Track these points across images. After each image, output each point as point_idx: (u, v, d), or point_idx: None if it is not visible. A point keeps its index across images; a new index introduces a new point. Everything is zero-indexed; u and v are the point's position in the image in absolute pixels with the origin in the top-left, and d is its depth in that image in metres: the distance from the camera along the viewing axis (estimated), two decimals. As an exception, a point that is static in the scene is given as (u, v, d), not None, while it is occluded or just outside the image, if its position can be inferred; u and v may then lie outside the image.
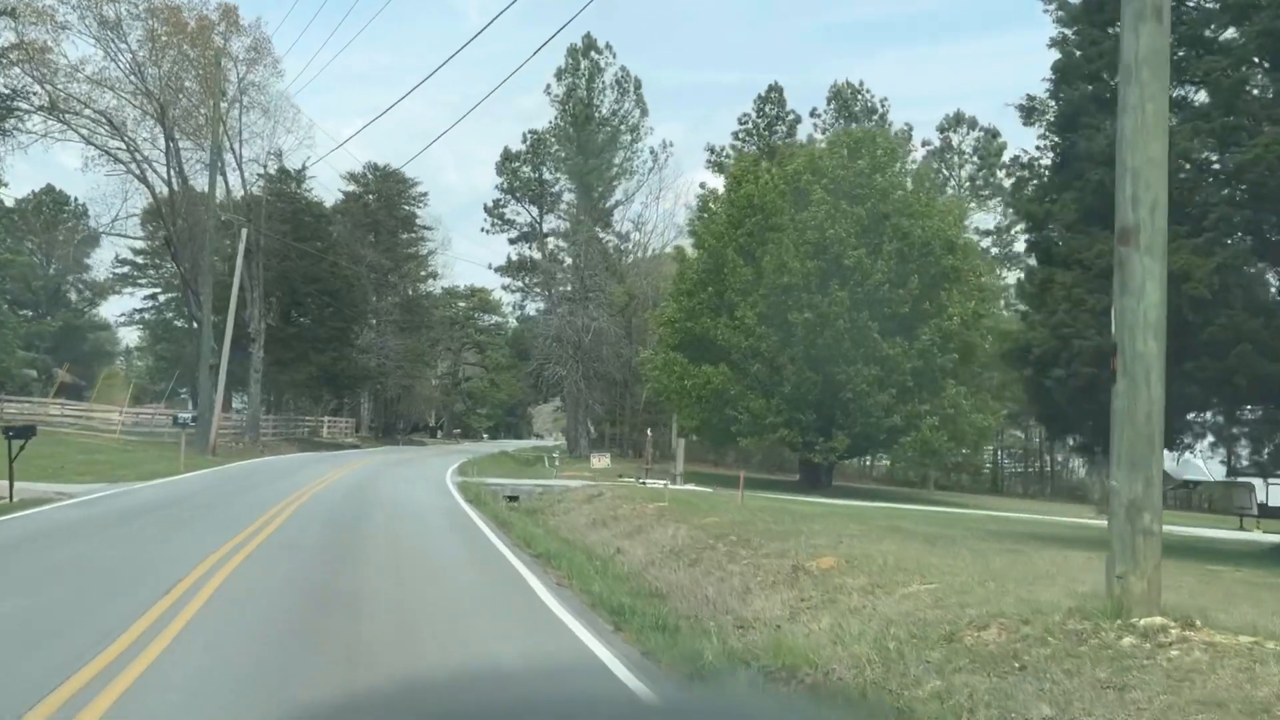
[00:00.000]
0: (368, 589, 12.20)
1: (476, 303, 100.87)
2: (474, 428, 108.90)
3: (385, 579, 13.13)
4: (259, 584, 11.83)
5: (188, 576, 11.76)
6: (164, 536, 15.98)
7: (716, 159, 62.35)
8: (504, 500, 31.55)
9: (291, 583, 12.13)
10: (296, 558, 14.37)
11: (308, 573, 13.08)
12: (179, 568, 12.38)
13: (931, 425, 37.07)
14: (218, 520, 19.07)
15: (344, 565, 14.14)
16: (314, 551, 15.36)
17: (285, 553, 14.66)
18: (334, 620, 10.13)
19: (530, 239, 68.60)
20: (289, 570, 13.09)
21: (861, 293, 37.46)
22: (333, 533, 18.21)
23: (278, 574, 12.68)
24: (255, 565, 13.20)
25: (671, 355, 40.60)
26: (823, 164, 39.73)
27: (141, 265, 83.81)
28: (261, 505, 22.02)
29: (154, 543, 15.19)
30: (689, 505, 23.98)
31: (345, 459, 47.99)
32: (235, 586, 11.57)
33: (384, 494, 27.22)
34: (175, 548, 14.67)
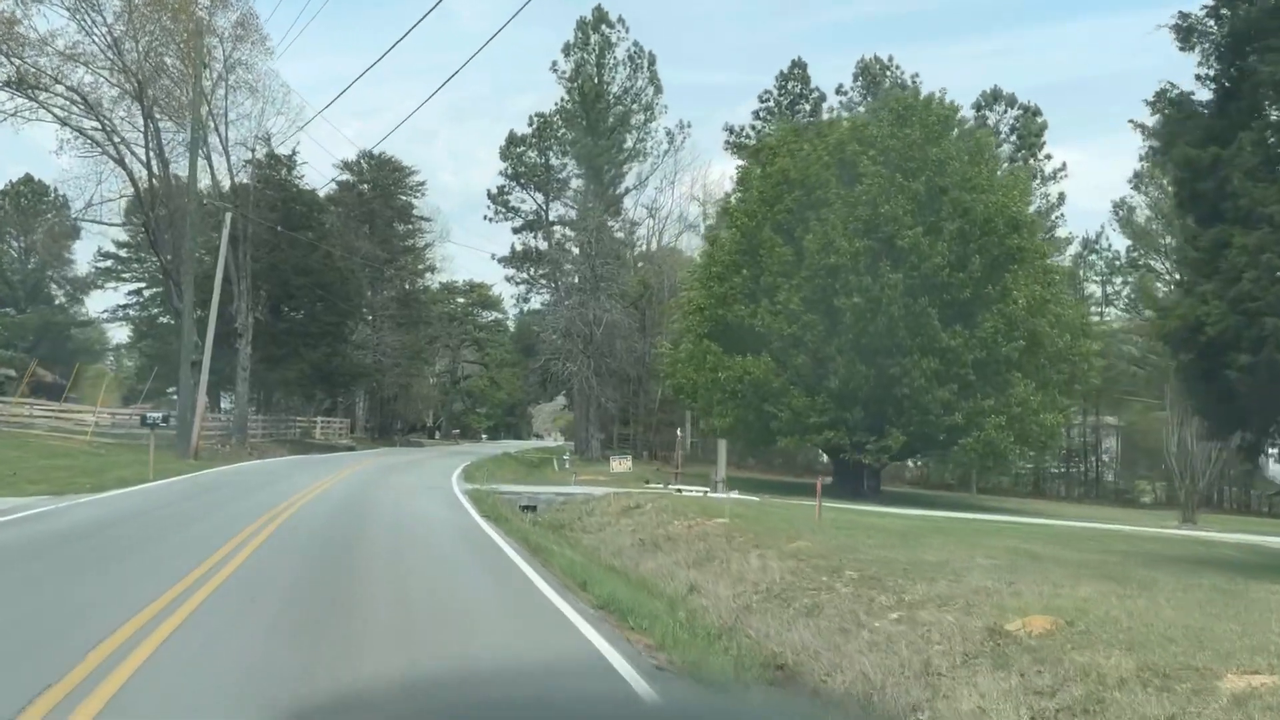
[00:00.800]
0: (364, 678, 7.56)
1: (476, 298, 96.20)
2: (472, 428, 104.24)
3: (392, 654, 8.53)
4: (188, 681, 7.22)
5: (62, 681, 7.10)
6: (73, 581, 11.32)
7: (736, 139, 57.81)
8: (520, 511, 27.13)
9: (242, 675, 7.52)
10: (260, 616, 9.78)
11: (272, 649, 8.47)
12: (65, 652, 7.74)
13: (997, 424, 32.56)
14: (166, 551, 14.48)
15: (329, 629, 9.52)
16: (287, 604, 10.75)
17: (244, 610, 10.05)
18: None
19: (535, 228, 64.03)
20: (244, 645, 8.49)
21: (918, 276, 32.96)
22: (316, 569, 13.63)
23: (225, 656, 8.07)
24: (193, 638, 8.59)
25: (704, 344, 35.92)
26: (869, 133, 35.20)
27: (125, 259, 79.12)
28: (231, 525, 17.43)
29: (51, 596, 10.52)
30: (756, 521, 19.44)
31: (339, 462, 43.40)
32: (148, 687, 6.97)
33: (383, 508, 22.61)
34: (81, 601, 10.06)
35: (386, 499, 24.70)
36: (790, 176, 35.39)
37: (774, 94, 57.59)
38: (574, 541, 20.30)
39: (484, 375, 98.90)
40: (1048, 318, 34.14)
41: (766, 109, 57.81)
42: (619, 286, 52.15)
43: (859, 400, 33.88)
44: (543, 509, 28.10)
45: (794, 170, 35.31)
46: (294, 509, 20.98)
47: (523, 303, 64.56)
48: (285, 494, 24.19)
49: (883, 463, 36.25)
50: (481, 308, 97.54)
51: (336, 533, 17.46)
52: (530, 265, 63.82)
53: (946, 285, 33.10)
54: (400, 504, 23.64)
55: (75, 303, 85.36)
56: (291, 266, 60.19)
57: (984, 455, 33.45)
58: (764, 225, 35.57)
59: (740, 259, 36.30)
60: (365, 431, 78.37)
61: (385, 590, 12.06)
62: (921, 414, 33.15)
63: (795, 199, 35.25)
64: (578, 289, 51.77)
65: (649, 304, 53.81)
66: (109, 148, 50.92)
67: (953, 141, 34.87)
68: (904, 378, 32.79)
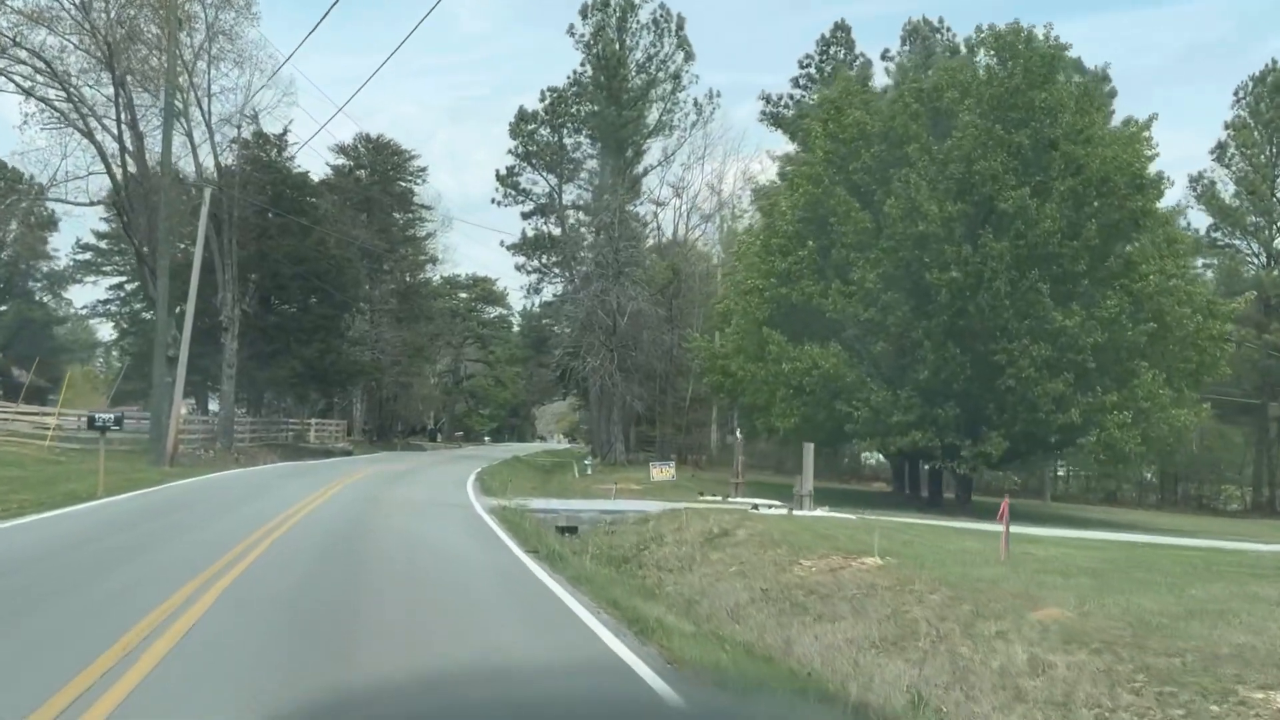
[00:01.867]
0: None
1: (479, 293, 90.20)
2: (475, 430, 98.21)
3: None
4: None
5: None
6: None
7: (773, 109, 51.88)
8: (559, 534, 21.32)
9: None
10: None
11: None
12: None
13: (1120, 422, 26.72)
14: (55, 624, 8.57)
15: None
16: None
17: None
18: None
19: (548, 212, 58.03)
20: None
21: (1024, 245, 27.16)
22: (289, 670, 7.68)
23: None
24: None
25: (764, 332, 29.87)
26: (962, 77, 29.39)
27: (105, 250, 73.08)
28: (173, 572, 11.55)
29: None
30: (920, 561, 13.61)
31: (335, 470, 37.48)
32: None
33: (391, 539, 16.65)
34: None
35: (394, 523, 18.75)
36: (867, 130, 29.50)
37: (815, 59, 51.76)
38: (656, 588, 14.44)
39: (488, 374, 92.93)
40: (1175, 295, 28.29)
41: (807, 75, 51.92)
42: (644, 272, 46.26)
43: (952, 394, 28.06)
44: (586, 531, 22.26)
45: (872, 123, 29.43)
46: (269, 541, 15.12)
47: (533, 293, 58.75)
48: (262, 517, 18.30)
49: (978, 470, 30.34)
50: (485, 303, 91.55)
51: (325, 589, 11.54)
52: (542, 252, 57.88)
53: (1057, 256, 27.29)
54: (413, 531, 17.67)
55: (54, 297, 79.33)
56: (282, 255, 54.32)
57: (1106, 459, 27.59)
58: (834, 190, 29.68)
59: (805, 229, 30.40)
60: (363, 434, 72.41)
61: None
62: (1029, 411, 27.31)
63: (873, 156, 29.38)
64: (599, 275, 45.86)
65: (677, 292, 47.96)
66: (75, 119, 44.96)
67: (1061, 87, 28.95)
68: (1009, 366, 26.97)
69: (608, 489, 35.97)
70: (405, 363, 69.51)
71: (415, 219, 73.04)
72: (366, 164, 70.36)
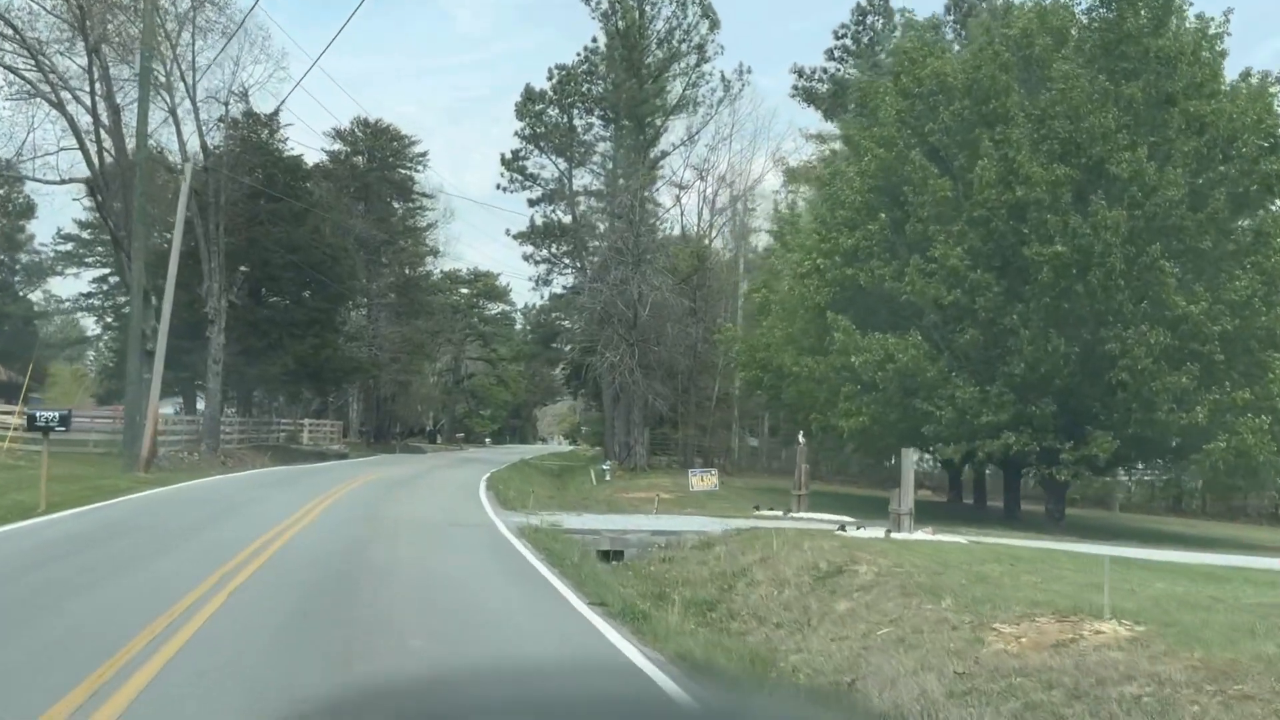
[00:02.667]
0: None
1: (481, 288, 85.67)
2: (476, 431, 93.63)
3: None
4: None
5: None
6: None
7: (806, 83, 47.43)
8: (598, 557, 17.05)
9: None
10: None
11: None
12: None
13: (1256, 425, 22.32)
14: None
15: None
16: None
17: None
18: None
19: (557, 198, 53.62)
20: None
21: (1141, 215, 22.78)
22: None
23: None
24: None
25: (829, 318, 25.25)
26: (1057, 21, 24.98)
27: (88, 241, 68.52)
28: (63, 663, 7.14)
29: None
30: (1173, 625, 9.19)
31: (329, 476, 33.02)
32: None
33: (400, 579, 12.14)
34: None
35: (401, 555, 14.23)
36: (948, 84, 25.04)
37: (851, 29, 47.37)
38: (769, 656, 10.04)
39: (489, 373, 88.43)
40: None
41: (842, 47, 47.51)
42: (667, 259, 41.84)
43: (1051, 390, 23.66)
44: (634, 556, 17.88)
45: (955, 74, 24.98)
46: (239, 581, 10.75)
47: (542, 285, 54.20)
48: (228, 546, 13.87)
49: (1077, 478, 25.92)
50: (487, 298, 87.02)
51: (310, 672, 7.10)
52: (552, 241, 53.41)
53: (1180, 229, 22.92)
54: (429, 571, 13.12)
55: (36, 291, 74.82)
56: (273, 243, 49.88)
57: (1235, 467, 23.18)
58: (908, 155, 25.21)
59: (875, 201, 25.94)
60: (359, 435, 67.99)
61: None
62: (1145, 409, 22.90)
63: (954, 115, 24.94)
64: (617, 262, 41.41)
65: (702, 282, 43.53)
66: (46, 90, 40.47)
67: (1179, 33, 24.52)
68: (1123, 357, 22.58)
69: (639, 499, 31.66)
70: (404, 360, 65.10)
71: (416, 208, 68.66)
72: (364, 150, 65.96)
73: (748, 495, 30.04)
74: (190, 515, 18.66)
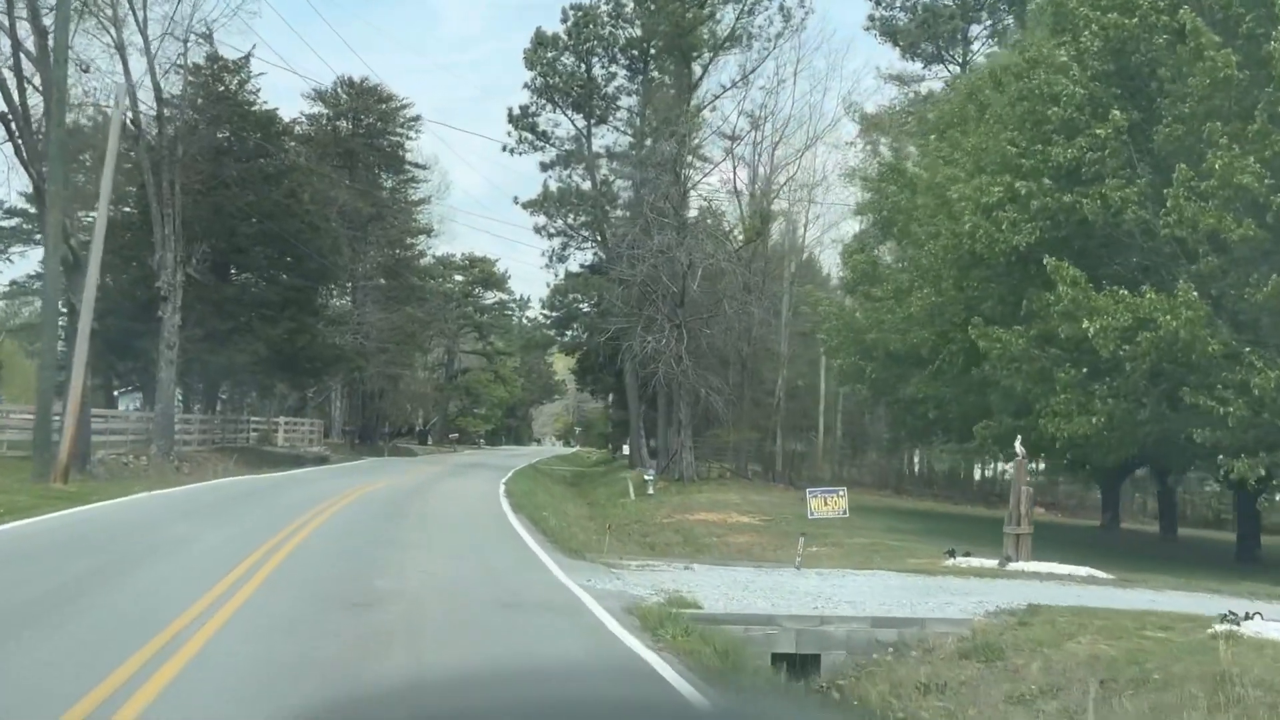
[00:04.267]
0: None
1: (477, 276, 76.90)
2: (470, 431, 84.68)
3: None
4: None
5: None
6: None
7: (885, 12, 38.82)
8: (774, 670, 8.42)
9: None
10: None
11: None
12: None
13: None
14: None
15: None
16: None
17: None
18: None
19: (573, 160, 45.13)
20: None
21: None
22: None
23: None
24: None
25: (1055, 266, 16.41)
26: None
27: (34, 216, 59.35)
28: None
29: None
30: None
31: (301, 493, 24.36)
32: None
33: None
34: None
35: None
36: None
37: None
38: None
39: (486, 368, 79.63)
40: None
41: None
42: (720, 221, 33.33)
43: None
44: (841, 665, 9.48)
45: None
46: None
47: (556, 262, 45.68)
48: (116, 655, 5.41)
49: None
50: (484, 286, 78.22)
51: None
52: (568, 210, 44.88)
53: None
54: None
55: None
56: (242, 209, 41.16)
57: None
58: (1159, 21, 16.67)
59: (1103, 93, 17.38)
60: (343, 436, 59.20)
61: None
62: None
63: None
64: (660, 225, 32.90)
65: (757, 252, 35.01)
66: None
67: None
68: None
69: (711, 523, 23.33)
70: (393, 351, 56.35)
71: (407, 180, 59.90)
72: (348, 113, 57.20)
73: (866, 520, 21.54)
74: (26, 588, 9.97)
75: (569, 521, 21.02)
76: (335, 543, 14.50)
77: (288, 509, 18.82)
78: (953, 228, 18.73)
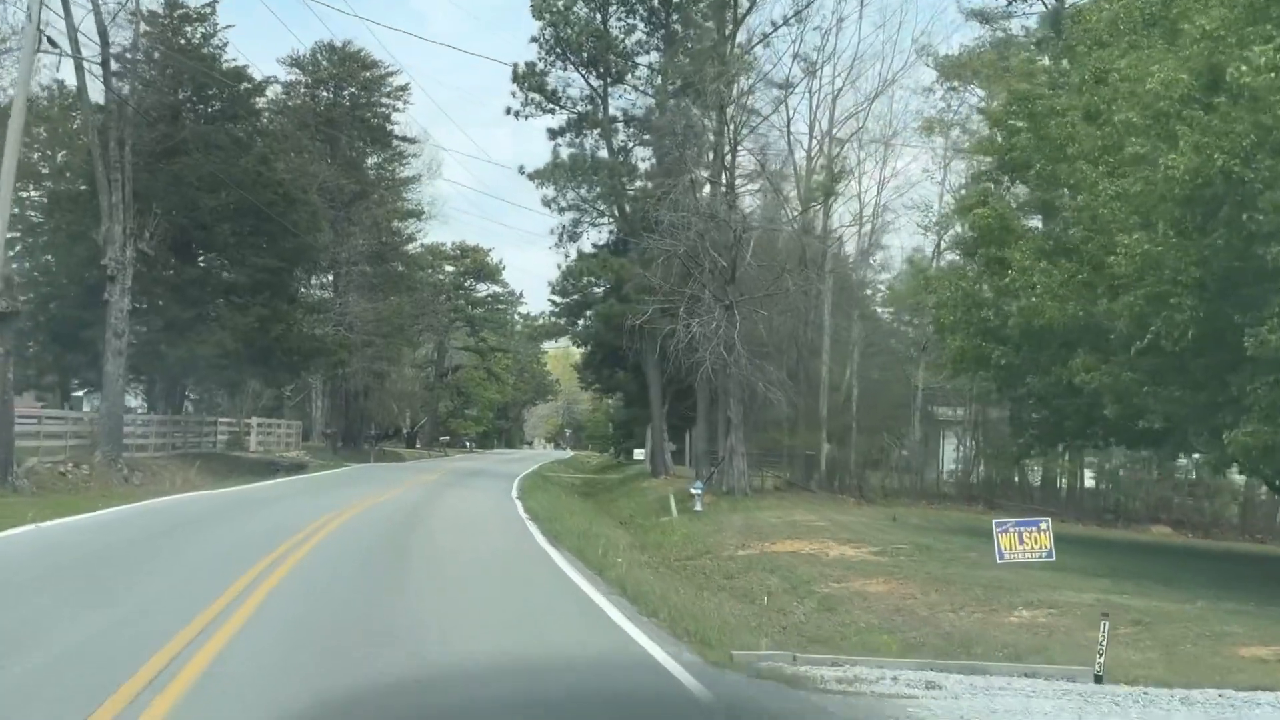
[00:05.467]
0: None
1: (469, 266, 70.55)
2: (460, 434, 78.23)
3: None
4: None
5: None
6: None
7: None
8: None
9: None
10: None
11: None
12: None
13: None
14: None
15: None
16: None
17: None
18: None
19: (587, 125, 38.92)
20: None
21: None
22: None
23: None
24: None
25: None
26: None
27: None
28: None
29: None
30: None
31: (266, 516, 18.09)
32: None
33: None
34: None
35: None
36: None
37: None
38: None
39: (479, 365, 73.23)
40: None
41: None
42: (779, 185, 27.12)
43: None
44: None
45: None
46: None
47: (568, 240, 39.41)
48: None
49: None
50: (477, 278, 71.85)
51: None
52: (581, 181, 38.62)
53: None
54: None
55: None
56: (206, 180, 34.81)
57: None
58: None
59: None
60: (324, 438, 52.73)
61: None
62: None
63: None
64: (695, 191, 26.77)
65: (818, 220, 28.86)
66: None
67: None
68: None
69: (807, 555, 17.34)
70: (380, 344, 49.95)
71: (395, 154, 53.50)
72: (328, 80, 50.82)
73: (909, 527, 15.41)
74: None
75: (627, 557, 14.85)
76: (295, 636, 8.26)
77: (233, 553, 12.56)
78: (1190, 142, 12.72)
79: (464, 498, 26.75)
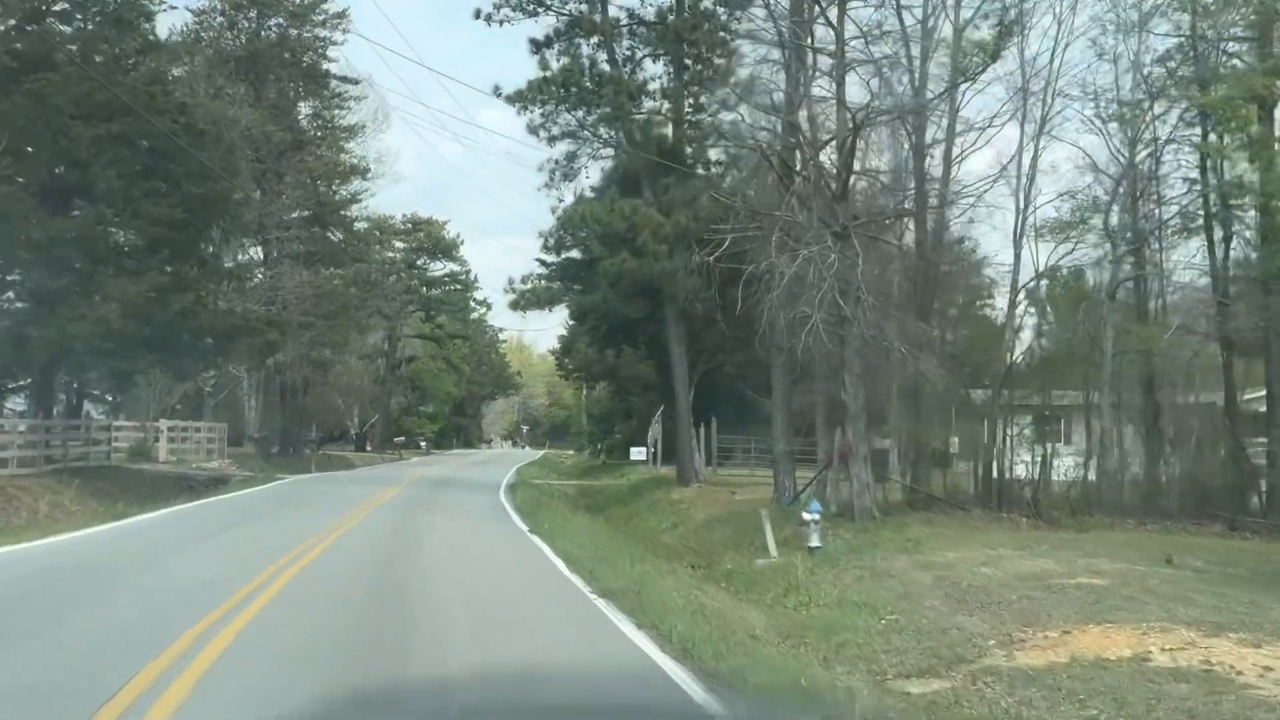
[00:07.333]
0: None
1: (422, 241, 60.64)
2: (414, 433, 68.11)
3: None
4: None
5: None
6: None
7: None
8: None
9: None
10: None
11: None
12: None
13: None
14: None
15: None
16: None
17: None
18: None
19: (581, 32, 29.54)
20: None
21: None
22: None
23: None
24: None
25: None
26: None
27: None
28: None
29: None
30: None
31: (118, 607, 8.50)
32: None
33: None
34: None
35: None
36: None
37: None
38: None
39: (437, 354, 63.33)
40: None
41: None
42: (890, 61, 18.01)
43: None
44: None
45: None
46: None
47: (561, 180, 30.00)
48: None
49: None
50: (430, 255, 61.92)
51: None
52: (579, 103, 29.19)
53: None
54: None
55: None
56: (80, 105, 24.97)
57: None
58: None
59: None
60: (256, 443, 42.63)
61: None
62: None
63: None
64: (822, 71, 17.64)
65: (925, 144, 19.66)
66: None
67: None
68: None
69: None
70: (321, 326, 40.08)
71: (333, 98, 43.51)
72: (248, 6, 40.74)
73: None
74: None
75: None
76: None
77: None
78: None
79: (452, 534, 17.25)
